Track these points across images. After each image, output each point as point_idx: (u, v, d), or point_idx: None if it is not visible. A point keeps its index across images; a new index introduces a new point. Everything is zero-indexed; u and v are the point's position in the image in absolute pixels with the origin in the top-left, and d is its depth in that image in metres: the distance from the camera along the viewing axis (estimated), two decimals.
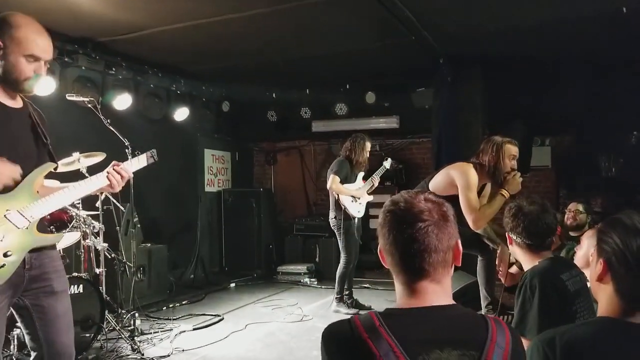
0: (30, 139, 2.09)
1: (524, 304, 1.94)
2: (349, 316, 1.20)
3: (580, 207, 4.33)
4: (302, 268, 7.04)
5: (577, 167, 6.39)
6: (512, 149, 3.14)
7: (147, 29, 4.71)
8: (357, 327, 1.11)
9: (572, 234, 4.29)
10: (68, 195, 2.12)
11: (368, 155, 5.16)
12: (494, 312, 3.15)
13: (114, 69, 5.37)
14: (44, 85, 4.00)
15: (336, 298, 5.16)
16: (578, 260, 2.31)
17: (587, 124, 5.92)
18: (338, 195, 4.96)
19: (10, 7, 4.14)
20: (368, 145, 5.12)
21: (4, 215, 1.91)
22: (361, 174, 5.21)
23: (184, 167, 7.14)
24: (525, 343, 1.88)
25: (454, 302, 1.21)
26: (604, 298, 1.33)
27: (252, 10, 4.27)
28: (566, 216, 4.37)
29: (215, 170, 7.97)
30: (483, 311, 3.32)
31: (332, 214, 5.08)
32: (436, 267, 1.19)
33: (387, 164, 5.51)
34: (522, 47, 5.29)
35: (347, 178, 5.02)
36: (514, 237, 2.14)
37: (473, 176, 3.07)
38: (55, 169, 2.16)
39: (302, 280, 6.88)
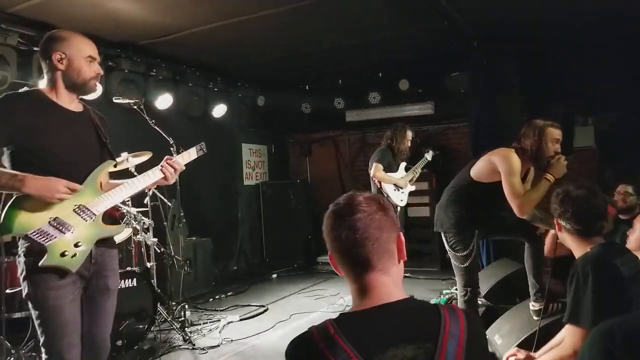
0: (93, 139, 2.26)
1: (577, 291, 1.92)
2: None
3: (630, 189, 4.18)
4: None
5: (622, 145, 6.15)
6: (555, 132, 3.04)
7: (184, 30, 4.84)
8: (314, 338, 1.14)
9: (622, 217, 4.16)
10: (128, 189, 2.29)
11: (409, 144, 5.14)
12: (542, 300, 3.12)
13: (154, 70, 5.57)
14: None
15: None
16: (631, 243, 2.26)
17: (632, 100, 5.68)
18: (380, 184, 4.97)
19: (58, 17, 4.35)
20: (409, 134, 5.11)
21: (73, 210, 2.09)
22: (403, 164, 5.21)
23: (223, 161, 7.30)
24: (579, 332, 1.89)
25: (406, 296, 1.22)
26: None
27: (285, 5, 4.32)
28: (615, 199, 4.24)
29: (253, 163, 8.12)
30: (532, 299, 3.29)
31: None
32: (380, 256, 1.21)
33: (429, 155, 5.46)
34: (560, 22, 5.11)
35: (389, 167, 5.02)
36: (563, 224, 2.12)
37: (516, 161, 3.01)
38: (115, 166, 2.31)
39: None
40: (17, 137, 2.03)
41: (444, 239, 3.35)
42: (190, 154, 2.55)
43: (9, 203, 2.01)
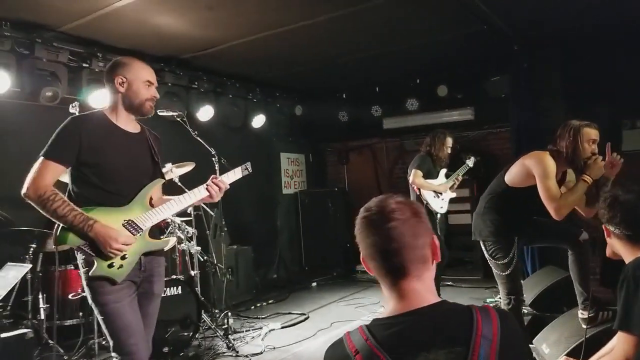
0: (147, 158, 2.41)
1: (628, 297, 1.85)
2: None
3: None
4: None
5: None
6: (592, 133, 2.97)
7: (224, 44, 4.97)
8: (348, 344, 1.17)
9: None
10: (175, 206, 2.42)
11: (450, 152, 5.06)
12: (590, 309, 3.01)
13: (196, 83, 5.74)
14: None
15: None
16: None
17: None
18: (419, 190, 4.91)
19: (105, 34, 4.56)
20: (449, 140, 5.01)
21: (122, 225, 2.23)
22: (443, 171, 5.13)
23: (262, 171, 7.41)
24: (630, 339, 1.82)
25: (439, 299, 1.21)
26: None
27: (322, 15, 4.37)
28: None
29: (291, 172, 8.21)
30: (580, 307, 3.18)
31: None
32: (415, 264, 1.20)
33: (470, 162, 5.36)
34: (604, 21, 4.93)
35: (429, 173, 4.95)
36: (612, 229, 2.05)
37: (550, 164, 2.93)
38: (164, 184, 2.47)
39: None
40: (80, 155, 2.20)
41: (483, 247, 3.29)
42: (236, 173, 2.65)
43: None
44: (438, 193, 5.01)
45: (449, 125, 6.48)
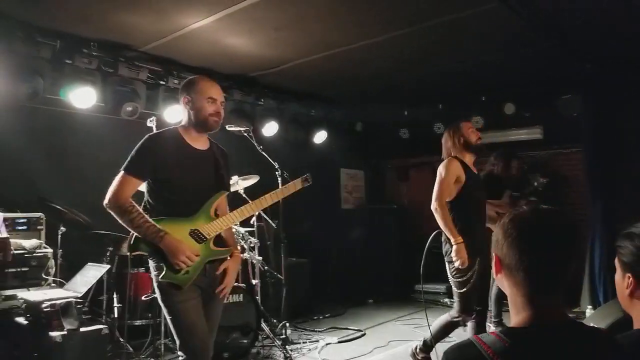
0: (212, 172, 2.56)
1: None
2: None
3: None
4: (441, 288, 6.88)
5: None
6: (468, 124, 3.64)
7: (290, 62, 5.14)
8: (486, 350, 1.12)
9: None
10: (236, 216, 2.58)
11: (514, 172, 4.91)
12: None
13: (262, 100, 5.96)
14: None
15: (494, 322, 4.87)
16: None
17: None
18: None
19: (181, 54, 4.84)
20: (514, 161, 4.89)
21: (188, 234, 2.40)
22: (509, 192, 4.98)
23: (322, 186, 7.49)
24: None
25: (570, 316, 1.24)
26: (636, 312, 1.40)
27: (383, 35, 4.42)
28: None
29: (350, 188, 8.25)
30: None
31: None
32: (566, 284, 1.22)
33: (539, 184, 5.18)
34: None
35: (492, 194, 4.82)
36: None
37: (450, 167, 3.48)
38: (227, 195, 2.64)
39: (441, 300, 6.73)
40: (155, 171, 2.39)
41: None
42: (296, 185, 2.76)
43: None
44: (500, 214, 4.86)
45: (516, 144, 6.30)
